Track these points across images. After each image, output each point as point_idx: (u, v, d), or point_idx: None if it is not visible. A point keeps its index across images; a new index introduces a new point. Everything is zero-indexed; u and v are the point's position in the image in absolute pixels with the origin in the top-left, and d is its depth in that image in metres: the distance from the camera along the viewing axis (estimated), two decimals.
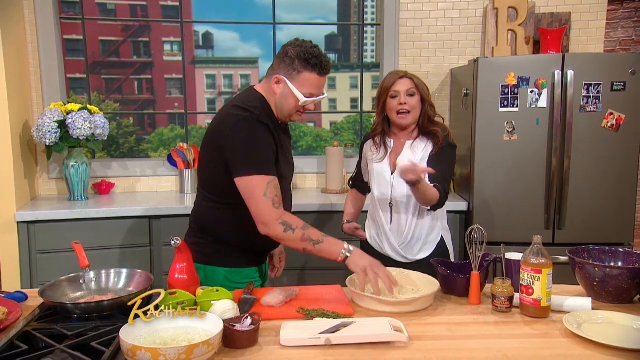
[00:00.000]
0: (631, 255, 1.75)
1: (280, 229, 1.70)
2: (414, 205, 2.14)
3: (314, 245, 1.70)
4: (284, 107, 1.83)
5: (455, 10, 3.56)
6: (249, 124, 1.73)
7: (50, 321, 1.49)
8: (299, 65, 1.77)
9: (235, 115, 1.75)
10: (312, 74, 1.78)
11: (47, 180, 3.41)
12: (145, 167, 3.57)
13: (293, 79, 1.78)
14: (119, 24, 3.63)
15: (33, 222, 2.85)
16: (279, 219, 1.70)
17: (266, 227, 1.72)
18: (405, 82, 2.12)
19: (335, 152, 3.46)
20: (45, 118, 3.02)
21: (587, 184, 2.98)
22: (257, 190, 1.70)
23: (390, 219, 2.18)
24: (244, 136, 1.72)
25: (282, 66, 1.79)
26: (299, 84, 1.78)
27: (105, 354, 1.27)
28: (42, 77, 3.34)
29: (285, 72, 1.79)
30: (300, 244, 1.71)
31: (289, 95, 1.80)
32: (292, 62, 1.77)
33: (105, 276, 1.73)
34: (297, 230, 1.70)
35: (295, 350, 1.37)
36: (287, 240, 1.72)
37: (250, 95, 1.84)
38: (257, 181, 1.70)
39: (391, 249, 2.18)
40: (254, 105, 1.78)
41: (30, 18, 3.27)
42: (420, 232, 2.16)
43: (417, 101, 2.12)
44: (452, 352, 1.36)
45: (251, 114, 1.74)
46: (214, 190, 1.88)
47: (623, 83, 2.90)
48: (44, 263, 2.85)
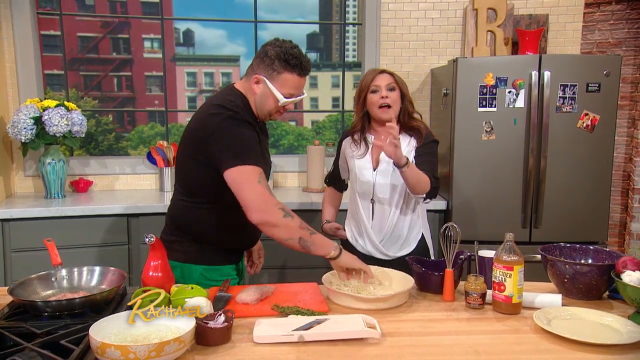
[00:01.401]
0: (601, 252, 1.78)
1: (280, 214, 1.66)
2: (396, 202, 2.15)
3: (310, 235, 1.68)
4: (264, 107, 1.82)
5: (435, 10, 3.58)
6: (234, 122, 1.72)
7: (20, 319, 1.46)
8: (279, 66, 1.76)
9: (219, 114, 1.73)
10: (292, 75, 1.77)
11: (23, 177, 3.36)
12: (125, 165, 3.54)
13: (273, 79, 1.78)
14: (98, 20, 3.59)
15: (7, 220, 2.80)
16: (278, 204, 1.68)
17: (263, 213, 1.66)
18: (386, 77, 2.14)
19: (316, 151, 3.46)
20: (20, 114, 2.98)
21: (563, 183, 3.02)
22: (251, 178, 1.67)
23: (372, 215, 2.19)
24: (231, 133, 1.70)
25: (262, 66, 1.78)
26: (279, 84, 1.78)
27: (74, 352, 1.25)
28: (18, 73, 3.29)
29: (265, 72, 1.78)
30: (298, 231, 1.67)
31: (269, 96, 1.79)
32: (272, 62, 1.76)
33: (77, 274, 1.71)
34: (296, 219, 1.68)
35: (268, 347, 1.37)
36: (284, 227, 1.67)
37: (231, 94, 1.82)
38: (249, 170, 1.68)
39: (372, 246, 2.19)
40: (236, 104, 1.76)
41: (5, 13, 3.22)
42: (401, 229, 2.17)
43: (397, 96, 2.14)
44: (424, 348, 1.37)
45: (235, 113, 1.73)
46: (193, 188, 1.86)
47: (598, 84, 2.94)
48: (18, 261, 2.81)
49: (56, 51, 3.52)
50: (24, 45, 3.27)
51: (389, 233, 2.17)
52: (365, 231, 2.20)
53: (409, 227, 2.18)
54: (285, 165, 3.67)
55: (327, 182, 2.46)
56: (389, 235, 2.17)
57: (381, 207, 2.17)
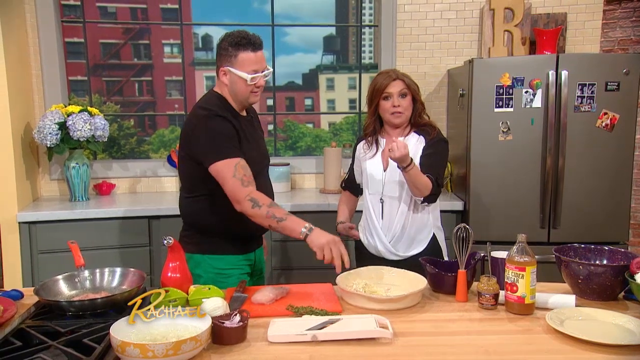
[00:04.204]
0: (616, 253, 1.77)
1: (249, 205, 1.83)
2: (404, 201, 2.17)
3: (277, 222, 1.81)
4: (238, 93, 1.98)
5: (452, 11, 3.58)
6: (207, 120, 1.90)
7: (45, 318, 1.53)
8: (233, 51, 1.93)
9: (196, 116, 1.94)
10: (246, 53, 1.93)
11: (48, 181, 3.47)
12: (146, 167, 3.62)
13: (233, 65, 1.94)
14: (120, 26, 3.68)
15: (34, 223, 2.90)
16: (247, 196, 1.83)
17: (239, 205, 1.85)
18: (398, 84, 2.16)
19: (333, 153, 3.49)
20: (46, 120, 3.07)
21: (581, 183, 2.99)
22: (226, 174, 1.86)
23: (382, 215, 2.22)
24: (204, 131, 1.90)
25: (222, 59, 1.96)
26: (240, 65, 1.93)
27: (96, 350, 1.30)
28: (44, 80, 3.39)
29: (226, 62, 1.95)
30: (266, 220, 1.83)
31: (237, 80, 1.95)
32: (227, 50, 1.94)
33: (99, 275, 1.77)
34: (263, 207, 1.82)
35: (282, 346, 1.40)
36: (255, 217, 1.84)
37: (209, 96, 2.02)
38: (224, 165, 1.86)
39: (382, 246, 2.21)
40: (213, 103, 1.96)
41: (31, 22, 3.32)
42: (410, 228, 2.19)
43: (409, 101, 2.18)
44: (435, 348, 1.39)
45: (209, 111, 1.92)
46: (189, 183, 2.05)
47: (617, 83, 2.91)
48: (44, 263, 2.90)
49: (80, 58, 3.62)
50: (49, 52, 3.37)
51: (398, 232, 2.19)
52: (376, 231, 2.22)
53: (418, 227, 2.20)
54: (303, 166, 3.71)
55: (343, 186, 2.49)
56: (397, 234, 2.19)
57: (390, 206, 2.20)
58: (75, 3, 3.53)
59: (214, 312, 1.49)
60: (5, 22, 2.95)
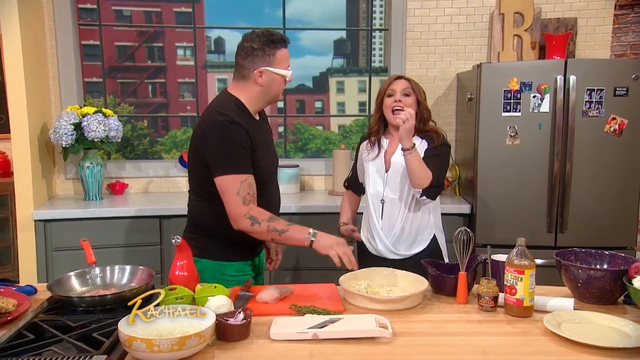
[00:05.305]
0: (617, 257, 1.79)
1: (247, 223, 1.84)
2: (405, 203, 2.21)
3: (280, 235, 1.84)
4: (273, 91, 1.97)
5: (461, 15, 3.60)
6: (223, 127, 1.85)
7: (57, 313, 1.59)
8: (270, 49, 1.91)
9: (211, 120, 1.88)
10: (282, 50, 1.94)
11: (64, 180, 3.55)
12: (158, 168, 3.69)
13: (272, 63, 1.92)
14: (134, 29, 3.76)
15: (49, 221, 2.98)
16: (246, 214, 1.84)
17: (235, 223, 1.86)
18: (402, 82, 2.21)
19: (341, 155, 3.53)
20: (62, 121, 3.15)
21: (589, 187, 3.00)
22: (230, 189, 1.84)
23: (382, 215, 2.25)
24: (218, 139, 1.85)
25: (257, 59, 1.91)
26: (278, 63, 1.93)
27: (105, 344, 1.36)
28: (60, 81, 3.48)
29: (263, 62, 1.91)
30: (267, 235, 1.85)
31: (275, 79, 1.94)
32: (263, 51, 1.90)
33: (109, 272, 1.83)
34: (263, 223, 1.84)
35: (284, 344, 1.45)
36: (256, 233, 1.86)
37: (226, 100, 1.96)
38: (230, 180, 1.84)
39: (383, 246, 2.25)
40: (230, 108, 1.90)
41: (49, 25, 3.41)
42: (410, 228, 2.22)
43: (412, 101, 2.20)
44: (432, 347, 1.43)
45: (226, 118, 1.86)
46: (199, 187, 2.01)
47: (626, 88, 2.91)
48: (58, 260, 2.98)
49: (95, 60, 3.70)
50: (66, 55, 3.46)
51: (397, 233, 2.22)
52: (376, 231, 2.26)
53: (418, 227, 2.23)
54: (312, 168, 3.75)
55: (346, 185, 2.52)
56: (397, 234, 2.22)
57: (390, 207, 2.23)
58: (91, 6, 3.62)
59: (218, 309, 1.53)
60: (24, 26, 3.03)
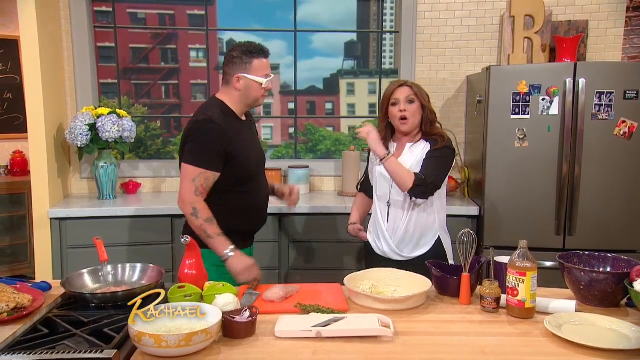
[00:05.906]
0: (620, 261, 1.80)
1: (189, 211, 2.05)
2: (408, 205, 2.25)
3: (206, 238, 2.04)
4: (251, 96, 2.17)
5: (472, 18, 3.61)
6: (200, 124, 2.07)
7: (70, 309, 1.65)
8: (247, 58, 2.12)
9: (195, 120, 2.11)
10: (259, 60, 2.14)
11: (79, 179, 3.63)
12: (171, 168, 3.75)
13: (248, 71, 2.13)
14: (149, 32, 3.83)
15: (64, 219, 3.05)
16: (192, 204, 2.04)
17: (182, 204, 2.07)
18: (405, 90, 2.23)
19: (351, 156, 3.56)
20: (77, 121, 3.23)
21: (598, 190, 3.00)
22: (189, 176, 2.05)
23: (388, 217, 2.29)
24: (194, 133, 2.07)
25: (235, 67, 2.13)
26: (254, 71, 2.13)
27: (115, 339, 1.41)
28: (76, 83, 3.56)
29: (240, 70, 2.13)
30: (198, 230, 2.05)
31: (251, 85, 2.14)
32: (241, 59, 2.12)
33: (121, 270, 1.88)
34: (200, 220, 2.03)
35: (289, 342, 1.49)
36: (190, 223, 2.06)
37: (210, 102, 2.19)
38: (191, 169, 2.06)
39: (388, 248, 2.28)
40: (213, 110, 2.12)
41: (66, 27, 3.49)
42: (414, 230, 2.25)
43: (416, 107, 2.23)
44: (433, 347, 1.46)
45: (205, 117, 2.07)
46: None
47: (636, 91, 2.91)
48: (72, 257, 3.05)
49: (110, 62, 3.77)
50: (82, 56, 3.54)
51: (402, 235, 2.26)
52: (382, 233, 2.29)
53: (423, 230, 2.26)
54: (322, 169, 3.79)
55: (359, 188, 2.56)
56: (402, 237, 2.26)
57: (395, 210, 2.27)
58: (107, 9, 3.70)
59: (225, 307, 1.58)
60: (41, 28, 3.11)
